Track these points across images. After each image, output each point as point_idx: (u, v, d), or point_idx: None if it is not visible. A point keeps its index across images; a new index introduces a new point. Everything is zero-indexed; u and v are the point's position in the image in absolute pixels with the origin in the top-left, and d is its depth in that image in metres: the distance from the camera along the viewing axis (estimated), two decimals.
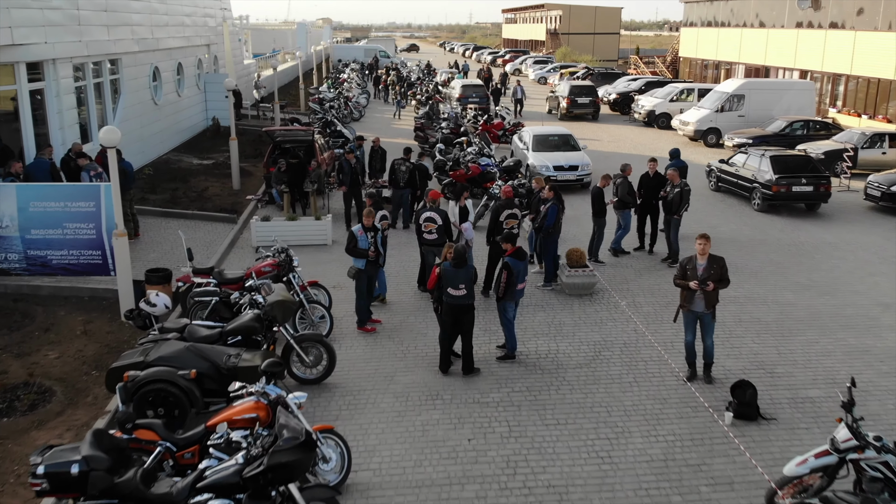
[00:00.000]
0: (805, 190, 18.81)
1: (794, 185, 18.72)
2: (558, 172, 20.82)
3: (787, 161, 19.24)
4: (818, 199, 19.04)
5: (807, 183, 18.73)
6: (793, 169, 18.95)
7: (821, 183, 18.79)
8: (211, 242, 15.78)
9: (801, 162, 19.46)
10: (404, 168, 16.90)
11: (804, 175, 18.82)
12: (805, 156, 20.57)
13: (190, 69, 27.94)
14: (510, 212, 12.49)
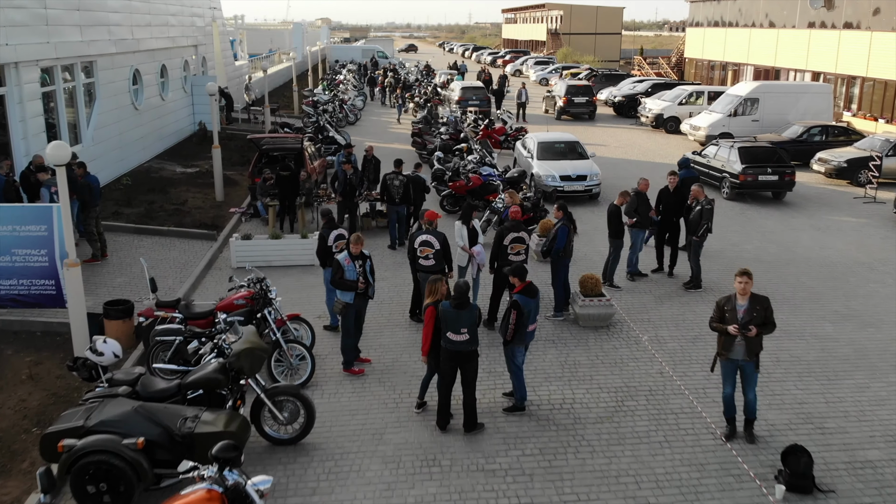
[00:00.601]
0: (770, 179, 19.96)
1: (759, 174, 19.82)
2: (565, 183, 19.39)
3: (753, 152, 20.26)
4: (783, 188, 20.16)
5: (772, 172, 19.86)
6: (759, 159, 20.06)
7: (785, 172, 19.90)
8: (186, 263, 14.35)
9: (767, 153, 20.47)
10: (398, 182, 15.46)
11: (770, 165, 19.93)
12: (771, 147, 21.21)
13: (175, 71, 26.51)
14: (516, 235, 11.07)
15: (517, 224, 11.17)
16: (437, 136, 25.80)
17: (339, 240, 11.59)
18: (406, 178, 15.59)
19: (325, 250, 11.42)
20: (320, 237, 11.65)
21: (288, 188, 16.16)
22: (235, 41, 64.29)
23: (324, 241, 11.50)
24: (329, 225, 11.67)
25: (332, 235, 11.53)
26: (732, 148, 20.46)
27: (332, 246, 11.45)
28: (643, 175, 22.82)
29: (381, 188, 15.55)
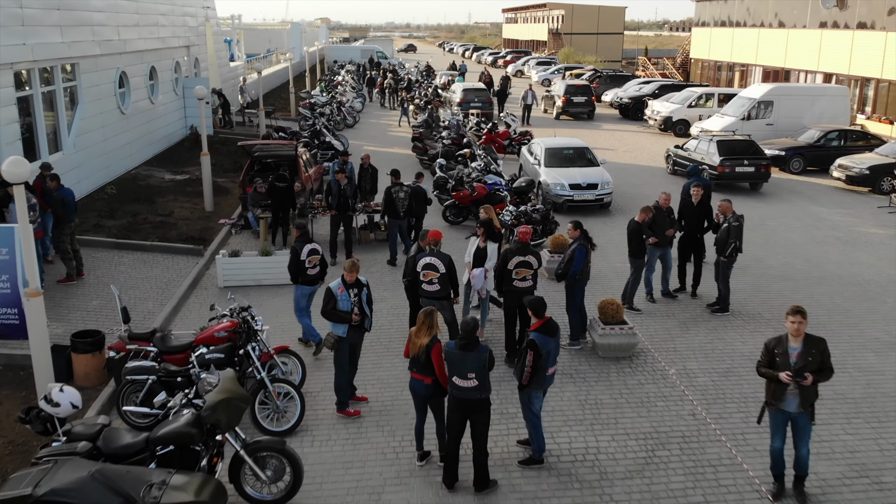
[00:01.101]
0: (747, 170, 21.04)
1: (737, 166, 20.92)
2: (574, 192, 18.32)
3: (731, 145, 21.50)
4: (759, 179, 21.20)
5: (748, 164, 20.95)
6: (737, 152, 21.19)
7: (761, 164, 21.06)
8: (169, 282, 13.27)
9: (744, 146, 21.59)
10: (402, 195, 14.36)
11: (746, 157, 21.02)
12: (748, 140, 22.22)
13: (165, 73, 25.42)
14: (522, 259, 9.94)
15: (523, 246, 10.04)
16: (439, 140, 24.73)
17: (313, 255, 10.69)
18: (410, 189, 14.50)
19: (298, 265, 10.59)
20: (292, 251, 10.72)
21: (282, 200, 15.08)
22: (232, 41, 63.43)
23: (296, 256, 10.58)
24: (303, 238, 10.78)
25: (306, 249, 10.62)
26: (711, 141, 21.77)
27: (306, 261, 10.58)
28: (655, 183, 22.02)
29: (385, 202, 14.35)
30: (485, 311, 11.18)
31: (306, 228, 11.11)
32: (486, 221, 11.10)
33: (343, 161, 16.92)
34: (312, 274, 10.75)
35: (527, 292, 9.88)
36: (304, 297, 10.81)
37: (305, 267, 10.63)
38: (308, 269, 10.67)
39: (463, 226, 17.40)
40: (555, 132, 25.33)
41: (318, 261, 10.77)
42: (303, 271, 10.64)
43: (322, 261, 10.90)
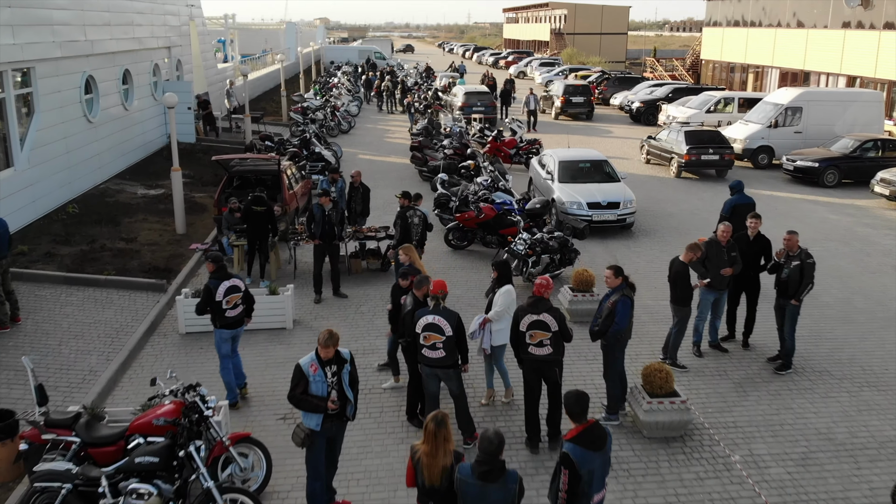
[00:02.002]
0: (712, 158, 22.59)
1: (702, 154, 22.51)
2: (593, 211, 16.25)
3: (697, 135, 23.13)
4: (724, 166, 22.73)
5: (713, 153, 22.52)
6: (703, 141, 22.78)
7: (724, 153, 22.62)
8: (122, 328, 11.20)
9: (709, 136, 23.24)
10: (417, 220, 12.23)
11: (711, 146, 22.57)
12: (714, 130, 24.17)
13: (142, 77, 23.35)
14: (535, 318, 7.84)
15: (537, 302, 7.91)
16: (440, 149, 22.67)
17: (233, 293, 8.90)
18: (423, 216, 12.40)
19: (213, 307, 8.85)
20: (205, 289, 8.94)
21: (259, 225, 13.00)
22: (226, 41, 61.42)
23: (210, 295, 8.84)
24: (219, 273, 8.96)
25: (223, 288, 8.86)
26: (680, 132, 23.36)
27: (223, 301, 8.79)
28: (679, 198, 19.68)
29: (402, 229, 12.11)
30: (489, 371, 9.15)
31: (222, 262, 9.19)
32: (501, 264, 9.00)
33: (332, 179, 14.88)
34: (232, 316, 8.97)
35: (546, 362, 7.85)
36: (226, 342, 9.03)
37: (223, 308, 8.85)
38: (227, 311, 8.89)
39: (468, 251, 15.34)
40: (568, 142, 23.22)
41: (238, 300, 9.01)
42: (219, 313, 8.86)
43: (246, 297, 9.16)
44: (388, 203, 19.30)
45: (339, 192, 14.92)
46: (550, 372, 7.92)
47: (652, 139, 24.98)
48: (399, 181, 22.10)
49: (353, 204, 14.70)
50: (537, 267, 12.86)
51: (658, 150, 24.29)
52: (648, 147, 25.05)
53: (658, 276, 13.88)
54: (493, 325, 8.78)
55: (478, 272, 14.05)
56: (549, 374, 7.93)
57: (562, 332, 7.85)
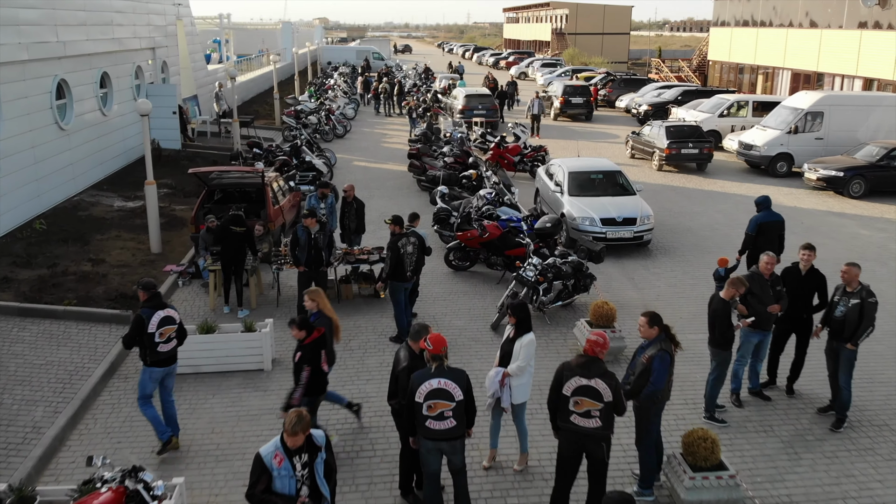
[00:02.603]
0: (692, 152, 23.27)
1: (682, 148, 23.18)
2: (608, 228, 14.86)
3: (678, 130, 23.82)
4: (703, 160, 23.53)
5: (693, 146, 23.20)
6: (683, 136, 23.49)
7: (704, 146, 23.35)
8: (77, 371, 9.81)
9: (689, 130, 23.97)
10: (411, 248, 10.69)
11: (691, 140, 23.27)
12: (694, 126, 24.69)
13: (122, 80, 21.95)
14: (585, 383, 6.37)
15: (591, 364, 6.41)
16: (439, 156, 21.29)
17: (167, 325, 7.76)
18: (420, 241, 10.97)
19: (144, 340, 7.69)
20: (136, 320, 7.75)
21: (237, 248, 11.61)
22: (221, 41, 60.01)
23: (139, 327, 7.67)
24: (152, 302, 7.80)
25: (156, 318, 7.71)
26: (661, 127, 24.00)
27: (156, 334, 7.74)
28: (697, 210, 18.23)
29: (392, 261, 10.50)
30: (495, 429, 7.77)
31: (156, 289, 8.01)
32: (519, 307, 7.56)
33: (321, 194, 13.46)
34: (165, 351, 7.82)
35: (592, 436, 6.42)
36: (154, 383, 7.91)
37: (155, 342, 7.68)
38: (159, 345, 7.73)
39: (471, 272, 13.96)
40: (578, 150, 21.81)
41: (173, 332, 7.86)
42: (151, 347, 7.69)
43: (180, 331, 8.00)
44: (383, 216, 17.90)
45: (330, 208, 13.52)
46: (596, 448, 6.48)
47: (636, 134, 25.71)
48: (396, 191, 20.73)
49: (347, 221, 13.30)
50: (549, 295, 11.48)
51: (641, 144, 25.00)
52: (633, 142, 25.72)
53: (683, 303, 12.51)
54: (514, 379, 7.38)
55: (481, 298, 12.67)
56: (594, 451, 6.50)
57: (615, 403, 6.37)
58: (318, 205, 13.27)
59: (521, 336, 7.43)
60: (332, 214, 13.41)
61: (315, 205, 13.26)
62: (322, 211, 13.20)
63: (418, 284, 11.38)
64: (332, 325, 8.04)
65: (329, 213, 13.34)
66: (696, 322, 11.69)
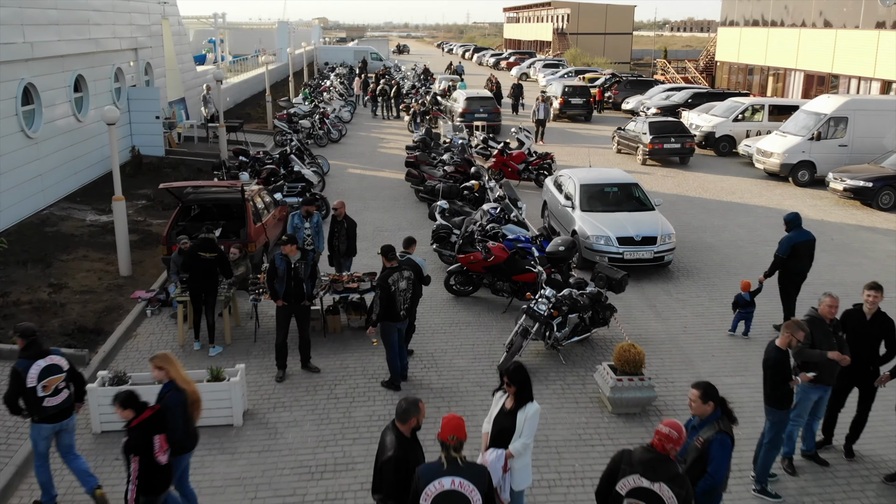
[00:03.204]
0: (674, 146, 24.04)
1: (665, 142, 23.94)
2: (625, 248, 13.44)
3: (660, 125, 24.67)
4: (685, 153, 24.25)
5: (675, 141, 23.99)
6: (665, 131, 24.31)
7: (685, 140, 24.18)
8: (14, 429, 8.37)
9: (671, 126, 24.83)
10: (405, 283, 9.20)
11: (673, 135, 24.09)
12: (676, 121, 25.78)
13: (100, 83, 20.54)
14: (646, 486, 4.88)
15: (658, 464, 4.92)
16: (438, 164, 19.89)
17: (51, 375, 6.59)
18: (415, 272, 9.49)
19: (25, 395, 6.61)
20: (12, 374, 6.58)
21: (206, 276, 10.20)
22: (216, 41, 58.62)
23: (18, 381, 6.50)
24: (30, 351, 6.63)
25: (35, 369, 6.58)
26: (644, 122, 24.94)
27: (38, 388, 6.60)
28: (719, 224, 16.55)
29: (383, 300, 9.05)
30: None
31: (35, 336, 6.77)
32: (515, 372, 6.12)
33: (305, 212, 12.01)
34: (53, 405, 6.64)
35: None
36: (43, 441, 6.74)
37: (38, 397, 6.52)
38: (44, 400, 6.57)
39: (474, 299, 12.55)
40: (590, 160, 20.35)
41: (60, 383, 6.68)
42: (34, 403, 6.55)
43: (73, 376, 6.84)
44: (378, 231, 16.54)
45: (316, 228, 12.07)
46: None
47: (621, 130, 26.28)
48: (392, 202, 19.33)
49: (336, 242, 11.88)
50: (564, 330, 10.07)
51: (626, 139, 25.64)
52: (619, 137, 26.28)
53: (714, 337, 11.11)
54: (516, 460, 5.98)
55: (486, 330, 11.26)
56: None
57: None
58: (302, 224, 11.84)
59: (524, 406, 6.02)
60: (318, 235, 12.00)
61: (298, 224, 11.83)
62: (306, 231, 11.79)
63: (415, 318, 9.98)
64: (185, 400, 6.38)
65: (315, 234, 11.92)
66: (730, 360, 10.30)
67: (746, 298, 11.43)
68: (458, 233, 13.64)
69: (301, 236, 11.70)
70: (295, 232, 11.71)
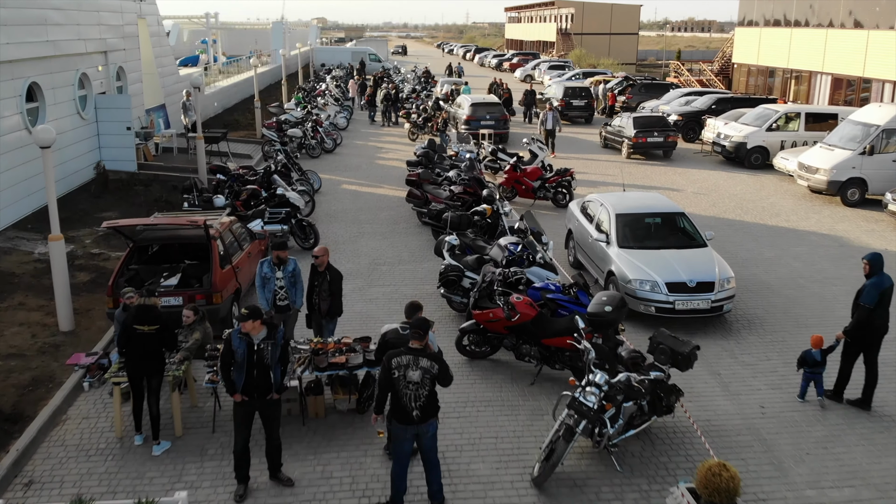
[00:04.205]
0: (657, 140, 24.57)
1: (648, 137, 24.48)
2: (676, 296, 11.01)
3: (644, 120, 25.25)
4: (668, 147, 24.86)
5: (658, 135, 24.53)
6: (649, 125, 24.87)
7: (668, 134, 24.74)
8: None
9: (655, 121, 25.51)
10: (417, 373, 6.55)
11: (656, 129, 24.67)
12: (659, 116, 26.58)
13: (61, 91, 18.12)
14: None
15: None
16: (444, 182, 17.49)
17: None
18: (435, 363, 6.69)
19: None
20: None
21: (145, 355, 7.78)
22: (208, 42, 56.24)
23: None
24: None
25: None
26: (629, 118, 25.62)
27: None
28: (771, 255, 14.38)
29: (380, 383, 6.70)
30: None
31: None
32: None
33: (276, 259, 9.46)
34: None
35: None
36: None
37: None
38: None
39: (491, 361, 10.15)
40: (623, 181, 17.78)
41: None
42: None
43: None
44: (374, 265, 14.15)
45: (290, 279, 9.49)
46: None
47: (608, 126, 27.19)
48: (391, 225, 16.94)
49: (317, 299, 9.43)
50: (618, 423, 7.65)
51: (612, 134, 26.32)
52: (605, 132, 27.08)
53: (799, 421, 8.69)
54: None
55: (512, 413, 8.84)
56: None
57: None
58: (273, 274, 9.37)
59: None
60: (294, 287, 9.51)
61: (268, 274, 9.35)
62: (279, 283, 9.34)
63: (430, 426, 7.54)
64: None
65: (290, 285, 9.46)
66: (830, 460, 7.87)
67: (817, 358, 9.20)
68: (471, 276, 11.24)
69: (271, 289, 9.28)
70: (264, 284, 9.28)
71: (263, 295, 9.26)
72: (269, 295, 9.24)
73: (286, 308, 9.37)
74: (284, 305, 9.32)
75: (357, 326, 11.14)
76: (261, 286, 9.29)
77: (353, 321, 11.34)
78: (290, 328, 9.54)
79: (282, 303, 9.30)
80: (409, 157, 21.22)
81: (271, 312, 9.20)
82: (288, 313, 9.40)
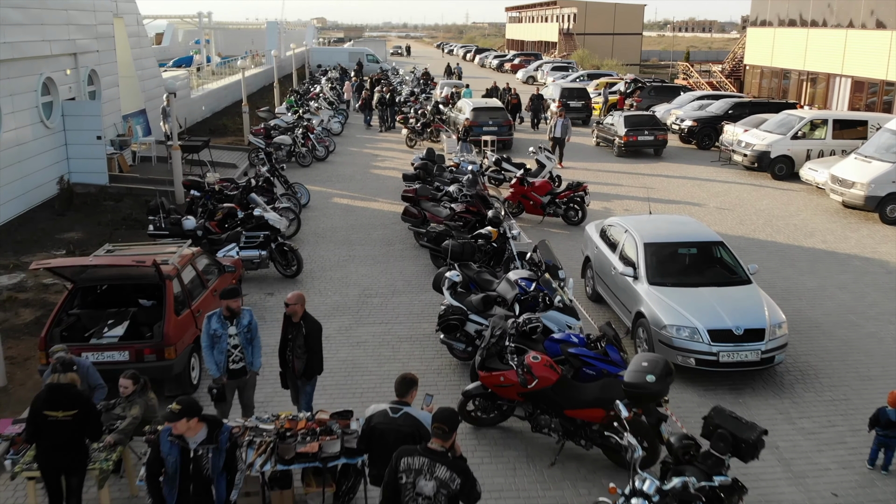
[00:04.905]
0: (648, 139, 25.04)
1: (639, 135, 24.94)
2: (720, 346, 9.24)
3: (634, 119, 25.76)
4: (658, 146, 25.26)
5: (648, 134, 25.02)
6: (640, 124, 25.36)
7: (658, 133, 25.18)
8: None
9: (645, 119, 25.94)
10: (431, 487, 4.85)
11: (646, 128, 25.16)
12: (650, 114, 26.90)
13: (21, 98, 16.39)
14: None
15: None
16: (443, 199, 15.75)
17: None
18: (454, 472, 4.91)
19: None
20: None
21: (59, 445, 6.06)
22: (201, 42, 54.60)
23: None
24: None
25: None
26: (620, 117, 25.69)
27: None
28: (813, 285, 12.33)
29: (384, 494, 5.04)
30: None
31: None
32: None
33: (227, 312, 7.61)
34: None
35: None
36: None
37: None
38: None
39: (501, 429, 8.41)
40: (649, 204, 15.95)
41: None
42: None
43: None
44: (364, 296, 12.42)
45: (246, 336, 7.58)
46: None
47: (600, 124, 27.40)
48: (385, 247, 15.21)
49: (291, 355, 7.67)
50: None
51: (604, 133, 26.53)
52: (598, 131, 27.31)
53: None
54: None
55: (532, 497, 7.11)
56: None
57: None
58: (224, 330, 7.56)
59: None
60: (251, 344, 7.66)
61: (218, 330, 7.53)
62: (231, 340, 7.52)
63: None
64: None
65: (247, 343, 7.63)
66: None
67: (892, 418, 7.50)
68: (476, 320, 9.51)
69: (222, 350, 7.48)
70: (213, 343, 7.48)
71: (212, 357, 7.44)
72: (221, 357, 7.42)
73: (241, 372, 7.56)
74: (239, 369, 7.52)
75: (340, 380, 9.43)
76: (208, 346, 7.44)
77: (337, 373, 9.62)
78: (249, 396, 7.78)
79: (236, 366, 7.49)
80: (405, 166, 19.57)
81: (223, 379, 7.45)
82: (244, 378, 7.61)
